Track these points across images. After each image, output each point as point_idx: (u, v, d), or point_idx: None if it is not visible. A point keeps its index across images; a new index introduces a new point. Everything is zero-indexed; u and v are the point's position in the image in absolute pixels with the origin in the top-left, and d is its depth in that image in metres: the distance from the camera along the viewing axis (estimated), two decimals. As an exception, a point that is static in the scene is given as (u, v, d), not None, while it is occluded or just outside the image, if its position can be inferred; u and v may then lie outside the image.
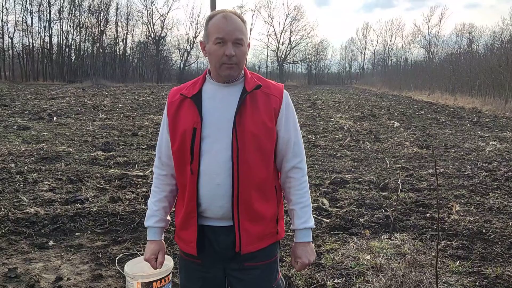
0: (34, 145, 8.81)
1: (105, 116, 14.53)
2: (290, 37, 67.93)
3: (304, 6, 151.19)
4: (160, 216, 1.91)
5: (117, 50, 53.11)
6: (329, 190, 6.08)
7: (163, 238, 1.97)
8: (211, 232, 1.78)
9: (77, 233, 4.37)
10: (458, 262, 3.78)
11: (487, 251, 4.04)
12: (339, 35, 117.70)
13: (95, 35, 49.73)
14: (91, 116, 14.38)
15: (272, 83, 1.84)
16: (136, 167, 7.28)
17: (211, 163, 1.70)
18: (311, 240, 1.87)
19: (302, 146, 1.86)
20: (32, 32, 45.55)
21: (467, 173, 7.17)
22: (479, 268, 3.67)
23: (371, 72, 69.48)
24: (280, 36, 68.06)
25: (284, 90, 1.83)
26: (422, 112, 18.30)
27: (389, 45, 69.62)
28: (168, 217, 1.97)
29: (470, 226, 4.64)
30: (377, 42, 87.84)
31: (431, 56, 53.95)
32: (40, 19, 46.10)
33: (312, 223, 1.85)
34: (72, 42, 48.53)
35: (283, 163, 1.84)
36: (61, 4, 46.93)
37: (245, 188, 1.71)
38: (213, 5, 20.18)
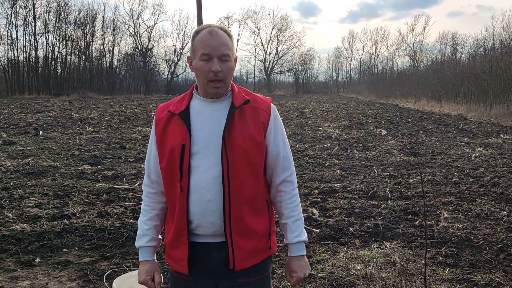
0: (20, 160, 8.69)
1: (92, 129, 14.41)
2: (277, 47, 68.35)
3: (290, 17, 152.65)
4: (152, 235, 1.86)
5: (104, 62, 52.93)
6: (319, 199, 6.08)
7: (155, 258, 1.93)
8: (202, 248, 1.76)
9: (64, 250, 4.30)
10: (447, 269, 3.80)
11: (476, 258, 4.07)
12: (326, 44, 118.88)
13: (81, 47, 49.52)
14: (78, 129, 14.25)
15: (259, 97, 1.84)
16: (124, 180, 7.21)
17: (201, 179, 1.68)
18: (305, 253, 1.85)
19: (291, 159, 1.85)
20: (17, 46, 45.32)
21: (454, 179, 7.24)
22: (469, 275, 3.69)
23: (357, 80, 70.01)
24: (267, 46, 68.43)
25: (272, 104, 1.83)
26: (409, 119, 18.48)
27: (375, 53, 70.24)
28: (160, 236, 1.93)
29: (459, 233, 4.68)
30: (363, 51, 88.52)
31: (416, 64, 54.55)
32: (25, 33, 45.83)
33: (305, 236, 1.83)
34: (58, 55, 48.30)
35: (273, 177, 1.83)
36: (47, 17, 46.77)
37: (237, 203, 1.69)
38: (199, 17, 20.25)
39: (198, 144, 1.70)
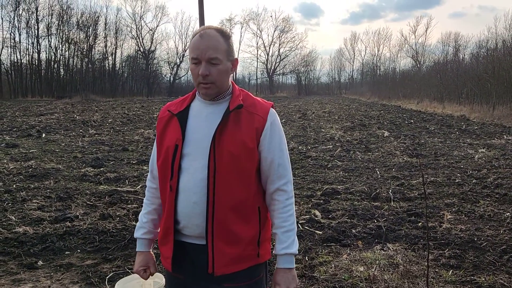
0: (22, 162, 8.71)
1: (94, 132, 14.44)
2: (279, 49, 68.41)
3: (292, 18, 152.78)
4: (149, 228, 1.92)
5: (107, 64, 53.10)
6: (321, 201, 6.07)
7: (151, 250, 1.97)
8: (191, 249, 1.76)
9: (66, 252, 4.30)
10: (451, 271, 3.79)
11: (479, 259, 4.05)
12: (328, 46, 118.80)
13: (84, 50, 49.68)
14: (81, 132, 14.27)
15: (259, 101, 1.81)
16: (127, 182, 7.22)
17: (189, 181, 1.70)
18: (293, 266, 1.79)
19: (288, 168, 1.80)
20: (20, 49, 45.44)
21: (457, 181, 7.22)
22: (472, 277, 3.67)
23: (360, 82, 70.01)
24: (269, 48, 68.50)
25: (271, 109, 1.80)
26: (412, 120, 18.45)
27: (377, 55, 70.23)
28: (158, 230, 1.96)
29: (462, 235, 4.66)
30: (365, 52, 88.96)
31: (418, 65, 54.55)
32: (28, 36, 46.02)
33: (294, 248, 1.76)
34: (61, 57, 48.49)
35: (267, 185, 1.79)
36: (49, 20, 46.98)
37: (221, 208, 1.68)
38: (201, 19, 20.27)
39: (190, 146, 1.72)
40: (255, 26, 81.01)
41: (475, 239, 4.53)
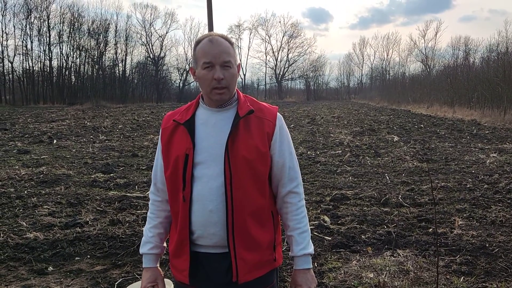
0: (34, 168, 8.80)
1: (105, 138, 14.55)
2: (287, 54, 68.57)
3: (301, 23, 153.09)
4: (155, 243, 1.87)
5: (117, 71, 53.60)
6: (330, 207, 6.04)
7: (158, 265, 1.94)
8: (205, 258, 1.75)
9: (76, 258, 4.33)
10: (462, 278, 3.74)
11: (491, 266, 3.99)
12: (337, 51, 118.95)
13: (95, 57, 50.23)
14: (91, 138, 14.40)
15: (265, 106, 1.82)
16: (136, 188, 7.25)
17: (204, 189, 1.68)
18: (311, 266, 1.81)
19: (298, 170, 1.82)
20: (32, 56, 46.03)
21: (468, 186, 7.14)
22: (484, 284, 3.62)
23: (369, 86, 69.86)
24: (278, 53, 68.70)
25: (278, 113, 1.81)
26: (421, 125, 18.32)
27: (386, 59, 70.00)
28: (164, 244, 1.93)
29: (473, 241, 4.60)
30: (374, 56, 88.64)
31: (428, 69, 54.23)
32: (40, 43, 46.56)
33: (311, 249, 1.80)
34: (72, 64, 49.07)
35: (278, 188, 1.80)
36: (61, 27, 47.58)
37: (240, 214, 1.67)
38: (210, 25, 20.39)
39: (202, 154, 1.70)
40: (263, 32, 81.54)
41: (487, 245, 4.47)
